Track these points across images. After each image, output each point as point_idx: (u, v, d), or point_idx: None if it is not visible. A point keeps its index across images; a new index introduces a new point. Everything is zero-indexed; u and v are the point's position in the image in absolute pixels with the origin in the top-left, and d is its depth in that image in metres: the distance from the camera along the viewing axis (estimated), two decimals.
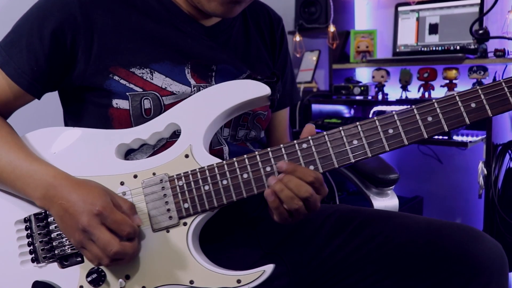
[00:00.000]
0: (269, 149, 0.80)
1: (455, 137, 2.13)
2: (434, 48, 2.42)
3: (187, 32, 0.93)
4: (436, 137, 2.14)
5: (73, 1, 0.86)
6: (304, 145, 0.79)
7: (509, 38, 2.13)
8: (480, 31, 2.15)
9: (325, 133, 0.79)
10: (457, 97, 0.76)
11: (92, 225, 0.74)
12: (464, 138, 2.12)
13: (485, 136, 2.11)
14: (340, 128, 0.79)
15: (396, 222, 0.95)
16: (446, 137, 2.12)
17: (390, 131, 0.77)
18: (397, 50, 2.53)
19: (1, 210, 0.86)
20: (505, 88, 0.74)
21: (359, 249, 0.94)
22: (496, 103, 0.75)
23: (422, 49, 2.45)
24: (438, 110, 0.76)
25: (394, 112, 0.78)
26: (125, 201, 0.80)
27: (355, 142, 0.78)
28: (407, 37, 2.50)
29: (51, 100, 1.02)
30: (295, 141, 0.80)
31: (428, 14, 2.44)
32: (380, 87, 2.49)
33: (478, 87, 0.75)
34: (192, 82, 0.91)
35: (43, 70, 0.87)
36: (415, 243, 0.90)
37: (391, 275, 0.91)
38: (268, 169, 0.80)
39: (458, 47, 2.34)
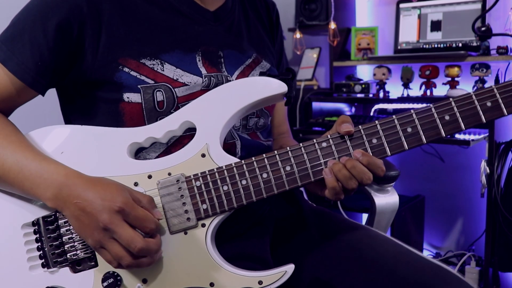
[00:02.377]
0: (288, 148, 0.80)
1: (457, 136, 2.11)
2: (436, 46, 2.39)
3: (194, 18, 0.92)
4: None
5: None
6: (324, 144, 0.80)
7: (511, 35, 2.11)
8: (483, 28, 2.13)
9: None
10: (473, 96, 0.77)
11: (114, 223, 0.71)
12: (467, 137, 2.10)
13: (487, 134, 2.08)
14: (360, 126, 0.80)
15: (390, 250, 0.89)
16: (448, 136, 2.09)
17: (409, 129, 0.78)
18: (399, 47, 2.50)
19: (6, 214, 0.81)
20: None
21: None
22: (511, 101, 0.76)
23: (424, 46, 2.43)
24: (455, 108, 0.77)
25: (412, 111, 0.78)
26: (143, 195, 0.77)
27: (374, 140, 0.79)
28: (409, 34, 2.48)
29: (47, 99, 0.98)
30: (314, 140, 0.80)
31: (430, 11, 2.41)
32: (381, 84, 2.47)
33: (493, 86, 0.77)
34: (203, 71, 0.89)
35: (48, 64, 0.83)
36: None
37: None
38: (288, 168, 0.79)
39: (460, 45, 2.32)
